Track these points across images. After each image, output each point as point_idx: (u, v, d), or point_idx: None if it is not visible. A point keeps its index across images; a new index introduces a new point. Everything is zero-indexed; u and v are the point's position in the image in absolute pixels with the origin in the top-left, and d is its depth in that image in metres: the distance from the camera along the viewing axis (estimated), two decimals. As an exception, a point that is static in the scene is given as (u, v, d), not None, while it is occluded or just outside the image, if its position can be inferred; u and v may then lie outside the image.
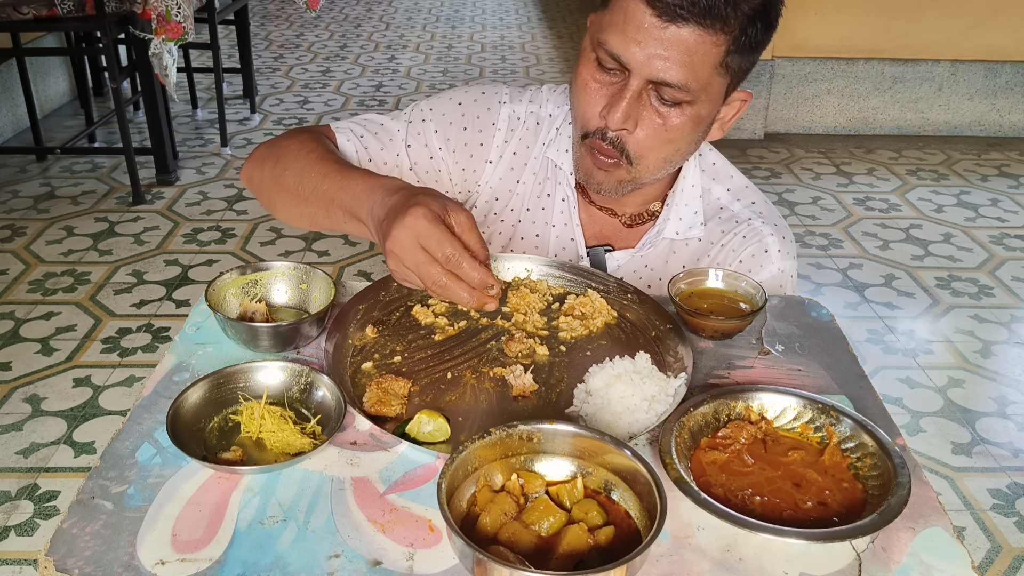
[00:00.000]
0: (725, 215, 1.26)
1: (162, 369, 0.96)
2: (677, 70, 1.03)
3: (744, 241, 1.23)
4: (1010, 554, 2.01)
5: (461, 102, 1.28)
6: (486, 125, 1.28)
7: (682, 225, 1.25)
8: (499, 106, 1.29)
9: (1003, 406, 2.51)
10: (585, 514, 0.75)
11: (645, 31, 1.02)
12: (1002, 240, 3.51)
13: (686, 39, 1.01)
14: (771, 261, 1.22)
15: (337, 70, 5.65)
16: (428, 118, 1.27)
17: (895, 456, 0.80)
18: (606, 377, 0.89)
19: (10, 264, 3.11)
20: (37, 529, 1.98)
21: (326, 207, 1.08)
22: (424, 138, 1.26)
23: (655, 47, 1.02)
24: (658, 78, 1.04)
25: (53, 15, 3.31)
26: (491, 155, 1.29)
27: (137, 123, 4.43)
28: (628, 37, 1.03)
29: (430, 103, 1.29)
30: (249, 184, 1.23)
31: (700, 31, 1.01)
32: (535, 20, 7.30)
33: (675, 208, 1.25)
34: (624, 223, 1.29)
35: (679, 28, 1.00)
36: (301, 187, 1.11)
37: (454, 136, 1.27)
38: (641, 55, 1.03)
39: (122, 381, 2.50)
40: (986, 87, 4.56)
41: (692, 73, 1.03)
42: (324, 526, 0.76)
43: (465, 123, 1.27)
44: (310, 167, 1.11)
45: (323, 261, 3.21)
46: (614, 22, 1.04)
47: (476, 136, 1.28)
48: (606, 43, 1.05)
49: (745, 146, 4.43)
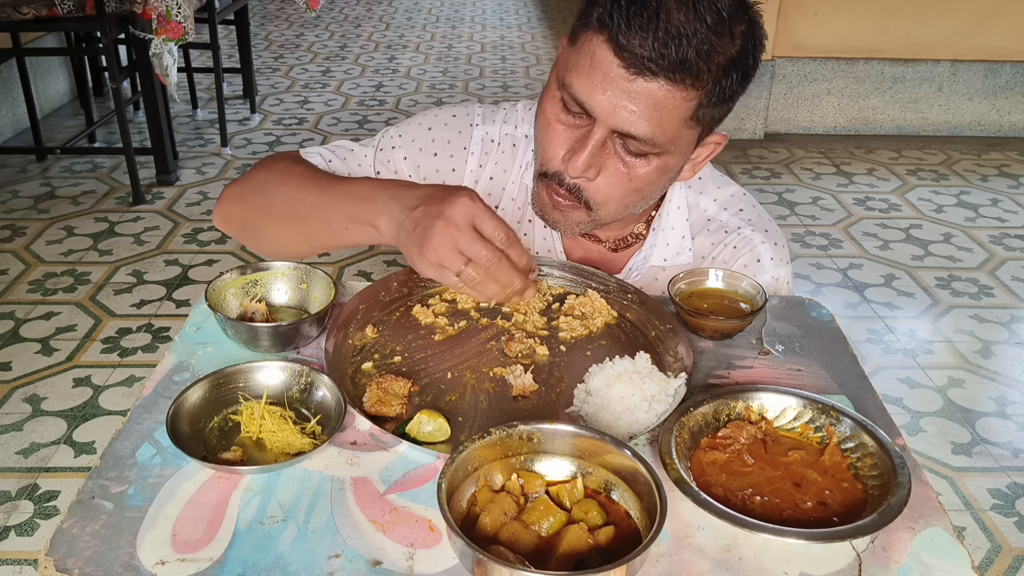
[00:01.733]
0: (713, 226, 1.22)
1: (162, 369, 0.96)
2: (644, 124, 0.97)
3: (735, 252, 1.20)
4: (1010, 554, 2.01)
5: (431, 127, 1.24)
6: (457, 150, 1.23)
7: (669, 251, 1.21)
8: (470, 129, 1.24)
9: (1003, 406, 2.51)
10: (585, 514, 0.75)
11: (611, 81, 0.95)
12: (1002, 240, 3.51)
13: (654, 93, 0.95)
14: (764, 270, 1.19)
15: (337, 70, 5.66)
16: (397, 144, 1.23)
17: (895, 456, 0.80)
18: (606, 377, 0.89)
19: (10, 264, 3.11)
20: (37, 529, 1.98)
21: (325, 217, 1.05)
22: (393, 165, 1.22)
23: (621, 98, 0.96)
24: (623, 130, 0.98)
25: (53, 15, 3.31)
26: (465, 180, 1.24)
27: (137, 123, 4.43)
28: (594, 84, 0.97)
29: (399, 129, 1.25)
30: (226, 225, 1.19)
31: (669, 86, 0.94)
32: (535, 20, 7.30)
33: (661, 233, 1.21)
34: (609, 248, 1.25)
35: (647, 82, 0.94)
36: (295, 206, 1.08)
37: (424, 163, 1.22)
38: (607, 104, 0.97)
39: (122, 381, 2.50)
40: (986, 87, 4.56)
41: (660, 127, 0.97)
42: (324, 526, 0.76)
43: (435, 148, 1.23)
44: (303, 185, 1.09)
45: (323, 261, 3.21)
46: (580, 65, 0.98)
47: (447, 162, 1.23)
48: (571, 86, 0.99)
49: (745, 146, 4.43)
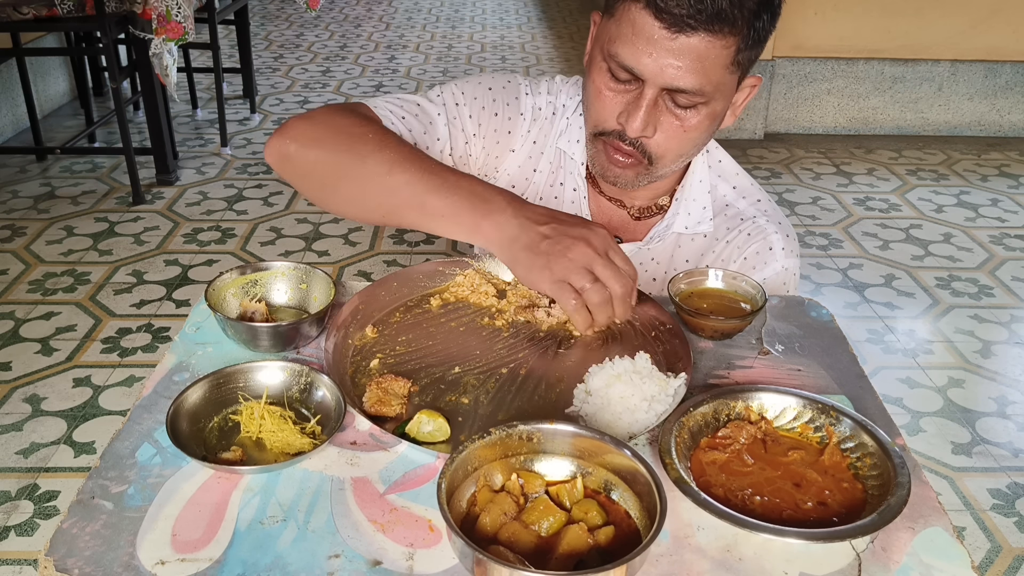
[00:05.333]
0: (731, 212, 1.28)
1: (162, 369, 0.96)
2: (690, 77, 1.04)
3: (749, 238, 1.25)
4: (1010, 554, 2.01)
5: (491, 87, 1.29)
6: (514, 113, 1.29)
7: (691, 220, 1.26)
8: (525, 96, 1.30)
9: (1003, 406, 2.51)
10: (585, 514, 0.75)
11: (655, 43, 1.02)
12: (1002, 240, 3.51)
13: (696, 46, 1.02)
14: (775, 259, 1.23)
15: (337, 70, 5.65)
16: (461, 102, 1.26)
17: (895, 456, 0.80)
18: (606, 377, 0.89)
19: (10, 264, 3.11)
20: (37, 529, 1.98)
21: (420, 199, 1.02)
22: (460, 122, 1.26)
23: (666, 57, 1.03)
24: (672, 86, 1.05)
25: (53, 15, 3.31)
26: (515, 144, 1.30)
27: (137, 123, 4.43)
28: (639, 49, 1.04)
29: (460, 87, 1.28)
30: (283, 163, 1.10)
31: (709, 37, 1.01)
32: (535, 20, 7.30)
33: (684, 203, 1.26)
34: (632, 215, 1.31)
35: (688, 37, 1.01)
36: (389, 178, 1.04)
37: (486, 121, 1.27)
38: (654, 66, 1.04)
39: (122, 381, 2.50)
40: (986, 87, 4.56)
41: (705, 77, 1.04)
42: (324, 526, 0.76)
43: (496, 109, 1.28)
44: (403, 159, 1.04)
45: (323, 261, 3.21)
46: (623, 34, 1.05)
47: (505, 123, 1.29)
48: (617, 55, 1.06)
49: (745, 146, 4.43)
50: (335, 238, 3.39)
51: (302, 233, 3.42)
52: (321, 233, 3.43)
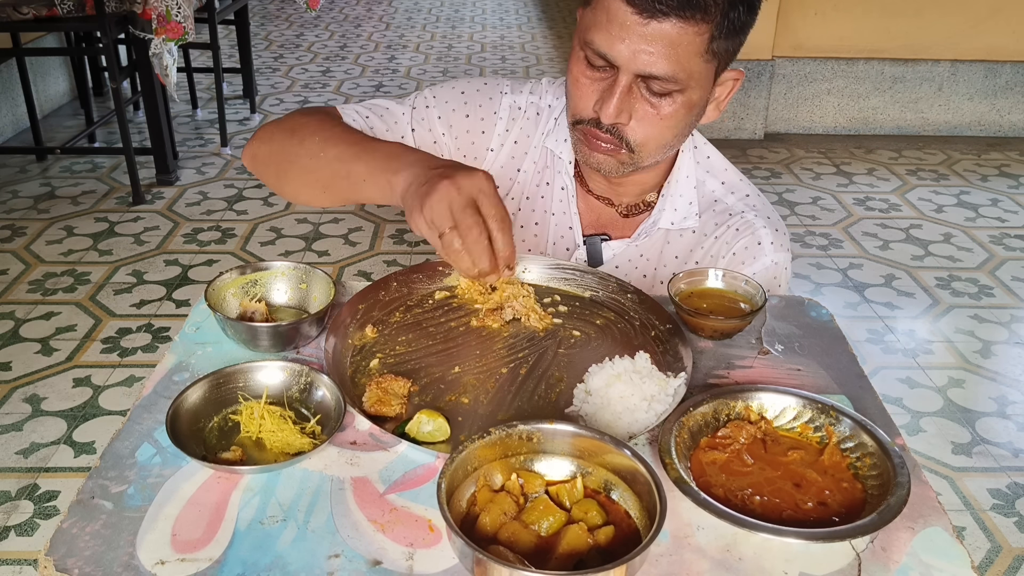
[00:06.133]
0: (719, 208, 1.28)
1: (162, 369, 0.96)
2: (663, 63, 1.05)
3: (737, 233, 1.25)
4: (1010, 554, 2.01)
5: (464, 91, 1.31)
6: (488, 113, 1.31)
7: (677, 216, 1.27)
8: (500, 96, 1.32)
9: (1003, 406, 2.51)
10: (585, 514, 0.75)
11: (628, 28, 1.04)
12: (1002, 240, 3.51)
13: (668, 32, 1.03)
14: (764, 253, 1.23)
15: (337, 70, 5.66)
16: (431, 104, 1.30)
17: (895, 456, 0.80)
18: (606, 377, 0.89)
19: (10, 264, 3.11)
20: (37, 529, 1.98)
21: (347, 168, 1.10)
22: (428, 123, 1.29)
23: (639, 43, 1.04)
24: (645, 72, 1.06)
25: (53, 15, 3.31)
26: (492, 143, 1.31)
27: (137, 123, 4.43)
28: (612, 35, 1.05)
29: (433, 91, 1.32)
30: (253, 162, 1.23)
31: (681, 23, 1.03)
32: (535, 20, 7.30)
33: (670, 199, 1.27)
34: (620, 213, 1.31)
35: (660, 23, 1.03)
36: (322, 153, 1.13)
37: (456, 123, 1.29)
38: (626, 51, 1.05)
39: (122, 381, 2.50)
40: (986, 87, 4.56)
41: (678, 64, 1.05)
42: (324, 526, 0.76)
43: (467, 110, 1.30)
44: (335, 136, 1.14)
45: (323, 261, 3.21)
46: (597, 21, 1.07)
47: (478, 124, 1.30)
48: (592, 42, 1.08)
49: (745, 146, 4.43)
50: (335, 238, 3.39)
51: (302, 233, 3.42)
52: (321, 233, 3.43)
